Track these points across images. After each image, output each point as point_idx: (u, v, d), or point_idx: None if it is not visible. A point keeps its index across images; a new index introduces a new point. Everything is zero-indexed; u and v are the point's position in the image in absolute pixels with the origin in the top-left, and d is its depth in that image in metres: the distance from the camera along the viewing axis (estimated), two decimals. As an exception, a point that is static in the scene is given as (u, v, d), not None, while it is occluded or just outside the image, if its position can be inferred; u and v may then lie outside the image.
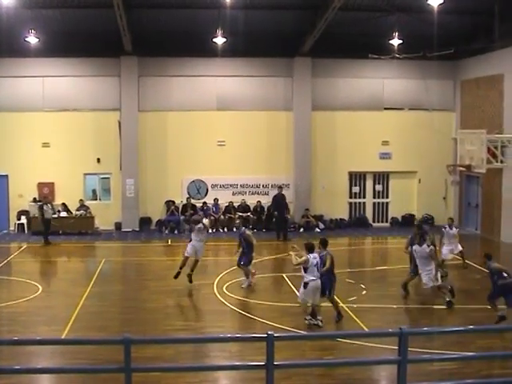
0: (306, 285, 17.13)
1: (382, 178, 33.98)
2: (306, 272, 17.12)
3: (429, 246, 19.46)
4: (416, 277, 20.09)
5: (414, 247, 19.70)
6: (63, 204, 31.12)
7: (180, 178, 32.55)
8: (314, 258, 17.16)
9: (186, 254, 21.27)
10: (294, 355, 14.64)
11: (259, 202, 32.47)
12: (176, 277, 21.14)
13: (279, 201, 30.84)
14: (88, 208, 31.07)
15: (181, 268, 21.21)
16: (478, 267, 23.02)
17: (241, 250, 21.50)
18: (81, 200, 31.34)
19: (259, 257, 23.81)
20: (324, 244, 18.20)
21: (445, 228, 22.89)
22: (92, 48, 30.59)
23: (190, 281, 21.07)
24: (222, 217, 32.13)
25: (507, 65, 28.82)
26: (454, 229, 22.98)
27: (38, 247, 28.31)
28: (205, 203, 32.23)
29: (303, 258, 17.13)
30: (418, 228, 21.15)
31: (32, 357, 14.71)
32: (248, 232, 22.14)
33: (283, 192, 31.26)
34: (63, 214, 30.94)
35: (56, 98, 31.73)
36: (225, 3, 25.37)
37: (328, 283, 17.71)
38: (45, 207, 29.05)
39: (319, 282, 17.21)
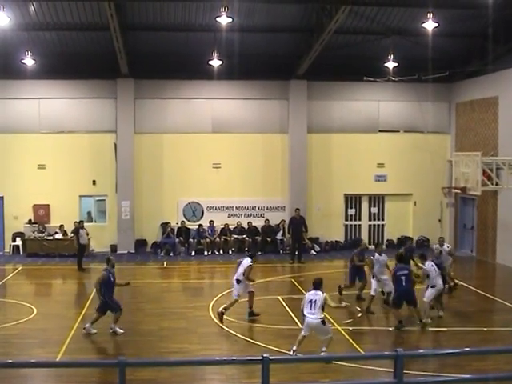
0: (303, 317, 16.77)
1: (377, 200, 33.99)
2: None
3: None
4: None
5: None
6: (61, 226, 31.05)
7: (176, 200, 32.55)
8: (309, 294, 16.67)
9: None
10: (290, 378, 14.58)
11: (250, 222, 32.37)
12: None
13: (296, 223, 30.54)
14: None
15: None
16: (473, 289, 23.00)
17: None
18: (75, 222, 31.09)
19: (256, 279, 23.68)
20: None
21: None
22: (88, 70, 30.74)
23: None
24: (217, 239, 32.08)
25: (502, 87, 29.00)
26: None
27: (34, 269, 28.24)
28: (200, 225, 32.19)
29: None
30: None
31: (26, 379, 14.62)
32: None
33: (301, 214, 30.93)
34: (58, 235, 30.88)
35: (52, 120, 31.77)
36: (221, 26, 25.44)
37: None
38: (80, 231, 28.36)
39: (316, 320, 16.36)
